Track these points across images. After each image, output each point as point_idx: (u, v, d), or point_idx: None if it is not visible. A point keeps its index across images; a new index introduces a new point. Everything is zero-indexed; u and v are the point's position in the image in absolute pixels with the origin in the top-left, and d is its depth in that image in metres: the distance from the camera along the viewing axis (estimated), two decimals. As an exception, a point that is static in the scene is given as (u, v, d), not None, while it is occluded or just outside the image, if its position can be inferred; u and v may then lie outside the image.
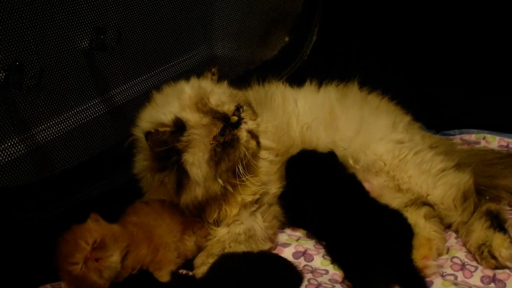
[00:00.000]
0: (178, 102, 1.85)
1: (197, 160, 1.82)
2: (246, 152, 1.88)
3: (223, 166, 1.85)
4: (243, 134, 1.89)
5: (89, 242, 1.69)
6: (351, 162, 2.19)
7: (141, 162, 1.92)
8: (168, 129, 1.78)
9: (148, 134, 1.75)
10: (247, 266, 1.80)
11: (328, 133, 2.21)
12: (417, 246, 1.91)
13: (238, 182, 1.91)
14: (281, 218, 2.13)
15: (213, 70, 2.00)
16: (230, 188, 1.93)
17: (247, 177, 1.91)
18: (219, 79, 2.01)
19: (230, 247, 1.95)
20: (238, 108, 1.91)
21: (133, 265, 1.77)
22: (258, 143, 1.93)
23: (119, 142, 2.11)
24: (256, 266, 1.81)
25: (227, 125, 1.85)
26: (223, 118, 1.85)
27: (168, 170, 1.82)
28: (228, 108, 1.88)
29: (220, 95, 1.90)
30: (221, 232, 1.99)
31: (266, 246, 2.02)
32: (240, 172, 1.89)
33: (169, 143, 1.78)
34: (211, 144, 1.83)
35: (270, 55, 2.91)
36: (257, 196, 2.01)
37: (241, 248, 1.95)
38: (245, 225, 1.99)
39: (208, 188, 1.86)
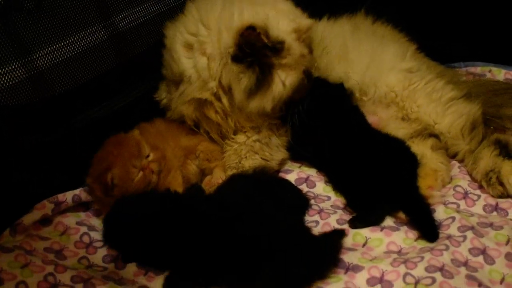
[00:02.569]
0: (289, 24, 1.86)
1: (288, 81, 1.86)
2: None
3: (295, 96, 1.94)
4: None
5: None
6: (357, 95, 2.16)
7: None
8: (267, 41, 1.78)
9: (256, 31, 1.75)
10: (256, 187, 1.80)
11: (341, 64, 2.18)
12: (423, 176, 1.91)
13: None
14: None
15: None
16: None
17: None
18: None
19: (246, 157, 2.00)
20: None
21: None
22: None
23: (118, 65, 2.12)
24: (265, 188, 1.81)
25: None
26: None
27: (252, 69, 1.82)
28: None
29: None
30: (240, 138, 2.02)
31: (279, 154, 2.07)
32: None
33: (257, 52, 1.80)
34: (302, 74, 1.91)
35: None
36: None
37: (256, 158, 2.00)
38: (262, 132, 2.02)
39: (276, 106, 1.92)
